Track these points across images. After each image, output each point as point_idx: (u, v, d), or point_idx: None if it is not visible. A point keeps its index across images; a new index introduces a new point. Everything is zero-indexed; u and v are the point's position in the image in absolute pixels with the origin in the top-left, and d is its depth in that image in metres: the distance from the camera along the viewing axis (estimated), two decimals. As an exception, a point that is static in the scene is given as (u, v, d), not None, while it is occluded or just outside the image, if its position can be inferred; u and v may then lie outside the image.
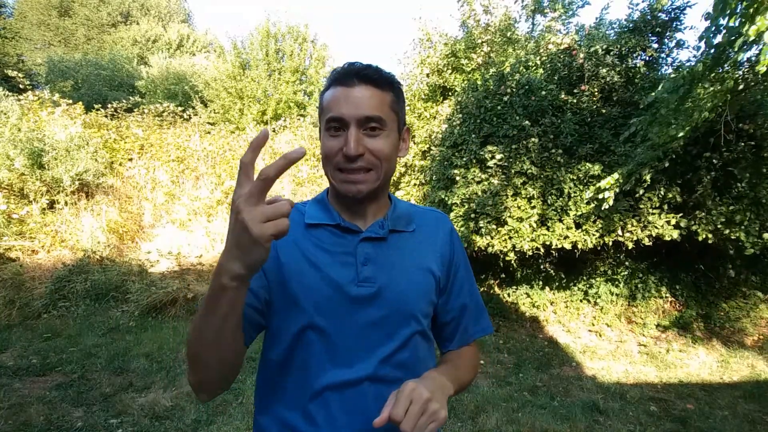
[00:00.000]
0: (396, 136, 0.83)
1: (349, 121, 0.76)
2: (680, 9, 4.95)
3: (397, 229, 0.86)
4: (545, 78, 5.28)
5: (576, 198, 4.63)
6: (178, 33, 20.19)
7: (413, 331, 0.82)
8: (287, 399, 0.81)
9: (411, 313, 0.82)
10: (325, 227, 0.83)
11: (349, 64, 0.80)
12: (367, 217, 0.85)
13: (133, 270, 5.65)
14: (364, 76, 0.77)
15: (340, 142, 0.77)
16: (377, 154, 0.77)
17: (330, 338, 0.78)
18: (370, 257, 0.81)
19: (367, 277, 0.80)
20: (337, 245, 0.82)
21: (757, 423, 3.27)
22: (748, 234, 4.21)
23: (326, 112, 0.78)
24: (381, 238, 0.83)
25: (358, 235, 0.83)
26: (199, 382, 0.73)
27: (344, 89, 0.77)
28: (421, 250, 0.87)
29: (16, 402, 2.95)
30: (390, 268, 0.82)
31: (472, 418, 3.11)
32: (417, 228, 0.89)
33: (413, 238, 0.87)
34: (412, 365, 0.82)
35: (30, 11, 20.75)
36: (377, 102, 0.77)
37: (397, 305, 0.81)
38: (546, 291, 5.64)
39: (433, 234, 0.90)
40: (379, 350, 0.79)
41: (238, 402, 3.13)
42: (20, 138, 5.70)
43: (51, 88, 11.24)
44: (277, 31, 13.64)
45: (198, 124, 9.13)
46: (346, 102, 0.76)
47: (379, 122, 0.77)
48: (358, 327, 0.79)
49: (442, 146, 5.65)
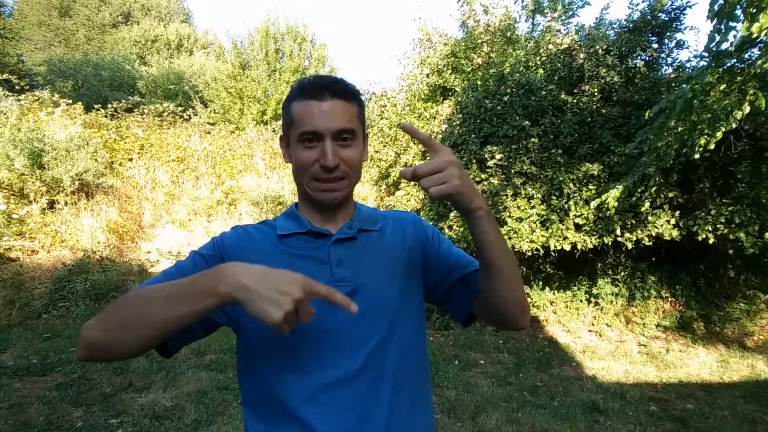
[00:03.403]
0: (363, 144, 0.88)
1: (324, 134, 0.79)
2: (680, 9, 4.95)
3: (365, 228, 0.90)
4: (545, 78, 5.28)
5: (576, 198, 4.63)
6: (177, 33, 20.18)
7: (393, 323, 0.84)
8: (276, 405, 0.80)
9: (389, 306, 0.85)
10: (297, 235, 0.87)
11: (317, 78, 0.83)
12: (338, 222, 0.89)
13: (133, 270, 5.66)
14: (335, 91, 0.81)
15: (315, 154, 0.80)
16: (350, 162, 0.82)
17: (312, 340, 0.79)
18: (343, 258, 0.85)
19: (342, 278, 0.83)
20: (310, 250, 0.85)
21: (757, 423, 3.27)
22: (748, 234, 4.21)
23: (299, 126, 0.81)
24: (351, 237, 0.87)
25: (330, 238, 0.86)
26: (102, 347, 0.69)
27: (317, 103, 0.80)
28: (390, 245, 0.91)
29: (16, 402, 2.95)
30: (363, 266, 0.85)
31: (472, 418, 3.11)
32: (383, 227, 0.93)
33: (381, 236, 0.92)
34: (399, 355, 0.84)
35: (30, 11, 20.75)
36: (348, 115, 0.82)
37: (374, 300, 0.83)
38: (546, 291, 5.64)
39: (399, 228, 0.94)
40: (364, 346, 0.81)
41: (238, 402, 3.13)
42: (20, 138, 5.70)
43: (51, 88, 11.23)
44: (276, 31, 13.65)
45: (198, 124, 9.12)
46: (320, 116, 0.79)
47: (351, 133, 0.82)
48: (340, 326, 0.80)
49: (442, 146, 5.64)
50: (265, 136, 9.31)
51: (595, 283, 5.39)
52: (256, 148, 8.48)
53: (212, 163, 7.90)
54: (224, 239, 0.87)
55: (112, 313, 0.69)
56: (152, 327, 0.66)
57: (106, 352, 0.70)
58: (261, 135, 9.37)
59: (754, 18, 2.56)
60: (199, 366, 3.72)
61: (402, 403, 0.82)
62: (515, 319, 0.85)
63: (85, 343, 0.70)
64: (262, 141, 8.95)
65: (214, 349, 4.08)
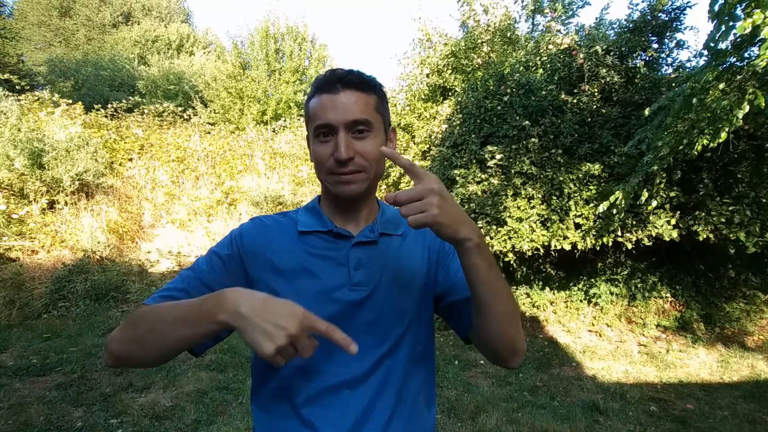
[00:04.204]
0: (383, 137, 0.84)
1: (337, 126, 0.78)
2: (680, 9, 4.94)
3: (386, 233, 0.88)
4: (545, 78, 5.28)
5: (576, 198, 4.63)
6: (178, 33, 20.18)
7: (406, 331, 0.84)
8: (283, 404, 0.81)
9: (403, 314, 0.84)
10: (318, 234, 0.86)
11: (331, 72, 0.82)
12: (359, 222, 0.87)
13: (133, 270, 5.65)
14: (347, 82, 0.79)
15: (330, 147, 0.79)
16: (366, 156, 0.80)
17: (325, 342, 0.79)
18: (361, 262, 0.84)
19: (359, 282, 0.82)
20: (329, 251, 0.84)
21: (757, 423, 3.27)
22: (749, 234, 4.21)
23: (314, 120, 0.80)
24: (372, 241, 0.86)
25: (350, 240, 0.85)
26: (126, 359, 0.75)
27: (329, 96, 0.79)
28: (411, 252, 0.89)
29: (16, 402, 2.95)
30: (381, 272, 0.84)
31: (472, 418, 3.11)
32: (406, 231, 0.91)
33: (403, 242, 0.90)
34: (407, 363, 0.84)
35: (30, 11, 20.75)
36: (363, 105, 0.79)
37: (388, 307, 0.83)
38: (546, 291, 5.63)
39: (420, 234, 0.92)
40: (373, 352, 0.81)
41: (238, 402, 3.13)
42: (20, 138, 5.70)
43: (51, 88, 11.23)
44: (276, 31, 13.65)
45: (198, 124, 9.13)
46: (332, 108, 0.78)
47: (366, 124, 0.79)
48: (352, 330, 0.80)
49: (442, 146, 5.65)
50: (265, 136, 9.32)
51: (595, 283, 5.39)
52: (256, 148, 8.48)
53: (212, 163, 7.90)
54: (243, 235, 0.86)
55: (130, 330, 0.73)
56: (165, 345, 0.70)
57: (130, 363, 0.76)
58: (261, 135, 9.38)
59: (750, 15, 2.57)
60: (199, 366, 3.72)
61: (404, 410, 0.83)
62: (504, 358, 0.80)
63: (109, 354, 0.75)
64: (262, 141, 8.96)
65: (214, 349, 4.08)
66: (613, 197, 3.85)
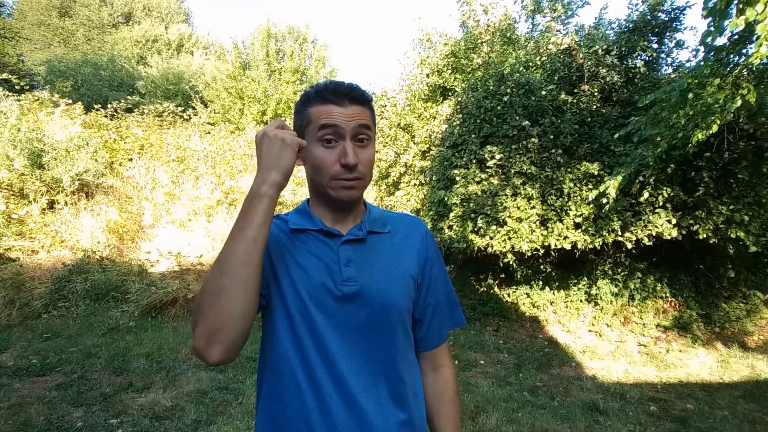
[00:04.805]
0: (374, 148, 0.91)
1: (345, 130, 0.83)
2: (680, 9, 4.95)
3: (374, 230, 0.93)
4: (545, 78, 5.28)
5: (576, 198, 4.63)
6: (178, 33, 20.18)
7: (395, 325, 0.89)
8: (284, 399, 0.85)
9: (392, 309, 0.88)
10: (309, 232, 0.90)
11: (334, 84, 0.86)
12: (348, 222, 0.92)
13: (133, 270, 5.65)
14: (353, 98, 0.85)
15: (335, 154, 0.84)
16: (366, 163, 0.86)
17: (318, 334, 0.84)
18: (351, 258, 0.88)
19: (349, 277, 0.86)
20: (320, 248, 0.89)
21: (757, 423, 3.27)
22: (749, 233, 4.21)
23: (319, 120, 0.84)
24: (360, 239, 0.90)
25: (340, 238, 0.89)
26: (218, 326, 0.71)
27: (336, 107, 0.84)
28: (398, 249, 0.94)
29: (16, 402, 2.95)
30: (370, 268, 0.89)
31: (472, 418, 3.11)
32: (392, 230, 0.96)
33: (390, 239, 0.94)
34: (395, 358, 0.89)
35: (30, 11, 20.75)
36: (366, 116, 0.87)
37: (378, 301, 0.87)
38: (546, 291, 5.64)
39: (408, 234, 0.97)
40: (364, 345, 0.86)
41: (238, 402, 3.13)
42: (20, 138, 5.70)
43: (51, 88, 11.23)
44: (277, 31, 13.66)
45: (198, 124, 9.12)
46: (340, 115, 0.83)
47: (368, 132, 0.86)
48: (344, 323, 0.85)
49: (442, 146, 5.65)
50: (265, 136, 9.28)
51: (594, 283, 5.39)
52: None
53: (212, 163, 7.90)
54: None
55: (204, 303, 0.73)
56: (243, 267, 0.73)
57: (232, 327, 0.72)
58: (261, 135, 9.35)
59: (743, 12, 2.59)
60: (199, 366, 3.72)
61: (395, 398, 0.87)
62: None
63: (206, 347, 0.72)
64: (262, 141, 8.93)
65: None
66: (603, 186, 3.88)
